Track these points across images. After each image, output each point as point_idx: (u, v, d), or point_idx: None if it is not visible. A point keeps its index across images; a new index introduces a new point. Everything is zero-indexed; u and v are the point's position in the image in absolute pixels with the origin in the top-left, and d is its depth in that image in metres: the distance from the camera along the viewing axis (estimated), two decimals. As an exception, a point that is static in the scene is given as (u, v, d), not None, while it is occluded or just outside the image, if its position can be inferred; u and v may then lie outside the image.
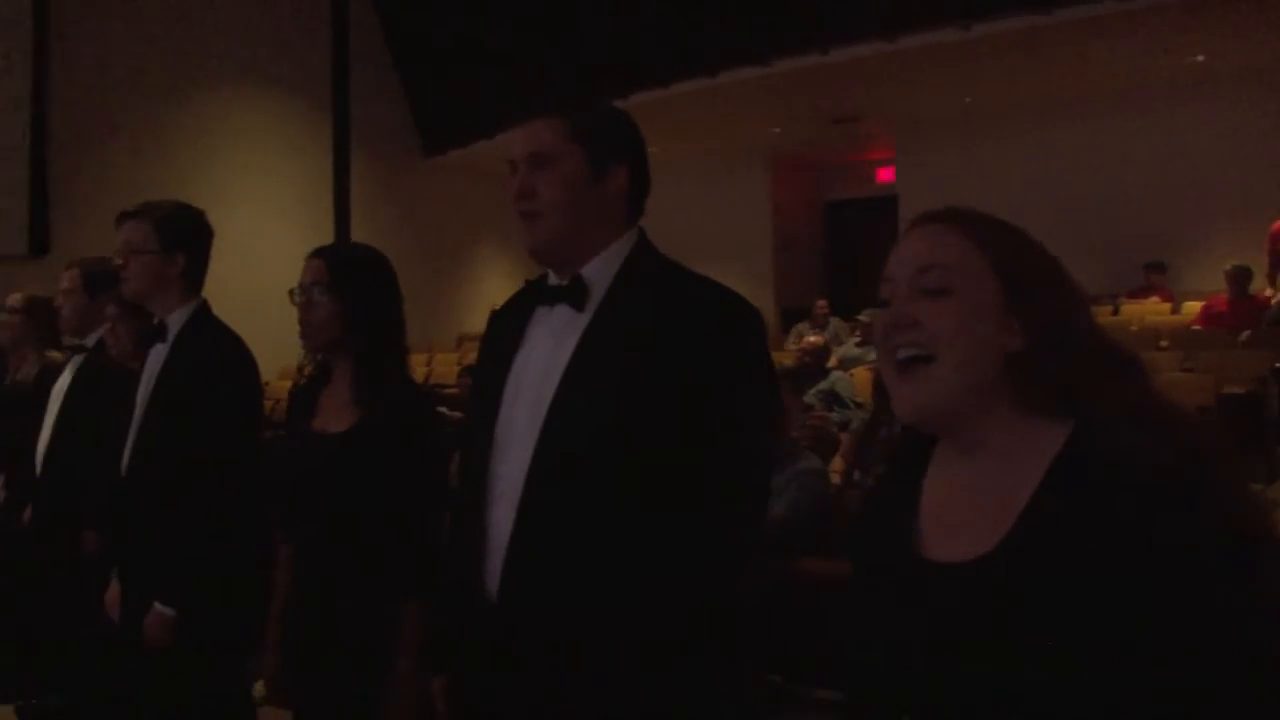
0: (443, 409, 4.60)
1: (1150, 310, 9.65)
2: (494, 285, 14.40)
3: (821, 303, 11.39)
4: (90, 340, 3.92)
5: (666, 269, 1.80)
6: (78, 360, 3.96)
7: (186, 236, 2.78)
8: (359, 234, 12.07)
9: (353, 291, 2.30)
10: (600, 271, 1.78)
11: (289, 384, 10.40)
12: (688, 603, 1.64)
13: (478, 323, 13.72)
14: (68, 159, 10.46)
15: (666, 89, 10.35)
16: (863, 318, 8.94)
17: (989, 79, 10.17)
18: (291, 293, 2.32)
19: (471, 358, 10.03)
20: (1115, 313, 9.49)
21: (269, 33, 12.13)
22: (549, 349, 1.76)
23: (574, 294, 1.77)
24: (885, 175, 13.66)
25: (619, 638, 1.63)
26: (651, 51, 10.33)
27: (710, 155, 12.94)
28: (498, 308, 2.02)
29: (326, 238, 11.69)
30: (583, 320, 1.75)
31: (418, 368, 10.85)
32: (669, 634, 1.63)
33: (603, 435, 1.66)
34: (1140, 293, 10.14)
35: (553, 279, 1.84)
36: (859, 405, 7.08)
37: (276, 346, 2.68)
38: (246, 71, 11.96)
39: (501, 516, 1.72)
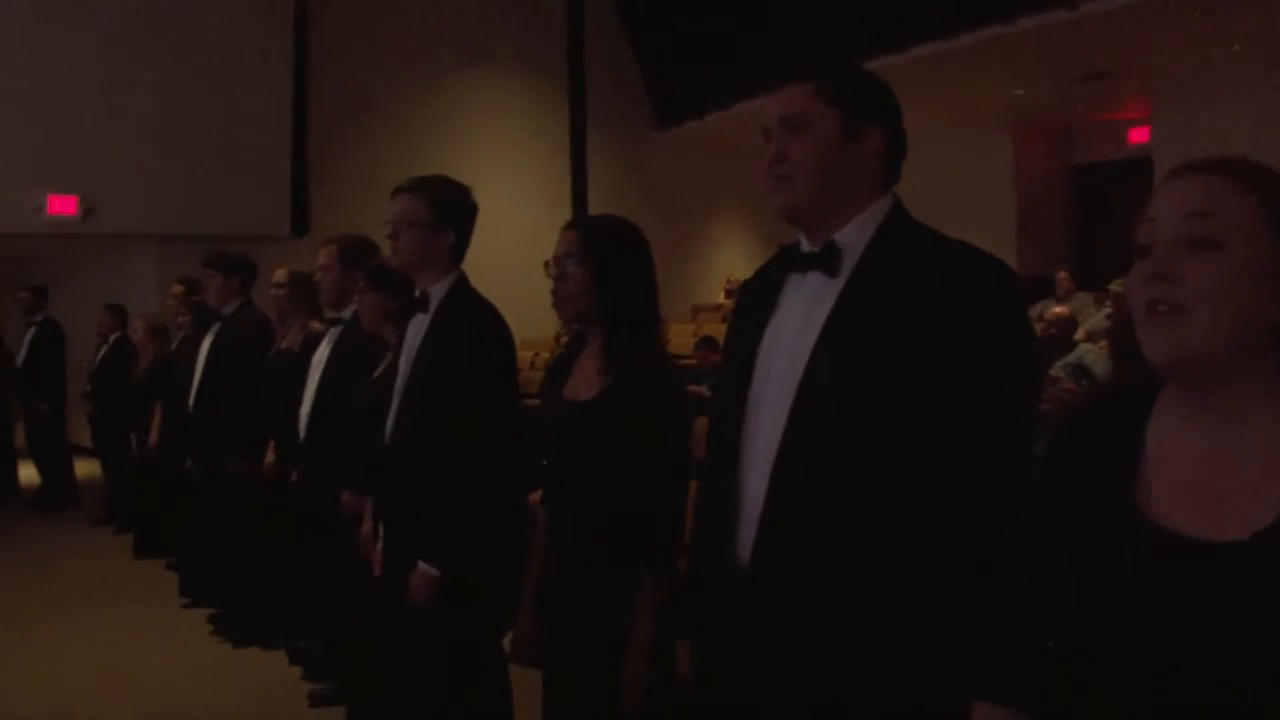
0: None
1: None
2: (730, 256, 14.47)
3: (1063, 275, 10.82)
4: (347, 313, 4.14)
5: (923, 234, 1.74)
6: (335, 331, 4.19)
7: (458, 215, 2.89)
8: (595, 207, 12.34)
9: (605, 262, 2.32)
10: (855, 236, 1.74)
11: (529, 355, 10.73)
12: (944, 577, 1.58)
13: (713, 293, 13.84)
14: (324, 145, 11.20)
15: (903, 54, 10.02)
16: (1114, 288, 8.38)
17: (1261, 23, 9.30)
18: (546, 264, 2.36)
19: (707, 329, 10.08)
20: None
21: (506, 13, 12.55)
22: (802, 315, 1.73)
23: (827, 259, 1.73)
24: (1138, 135, 12.83)
25: (872, 609, 1.60)
26: (887, 15, 10.02)
27: (947, 121, 12.44)
28: (733, 277, 2.00)
29: (564, 212, 12.04)
30: (836, 286, 1.71)
31: (650, 340, 11.03)
32: (924, 608, 1.58)
33: (859, 402, 1.62)
34: None
35: (805, 245, 1.80)
36: (1109, 380, 6.67)
37: (515, 318, 2.77)
38: (485, 52, 12.43)
39: (754, 484, 1.71)
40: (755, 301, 1.86)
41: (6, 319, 10.00)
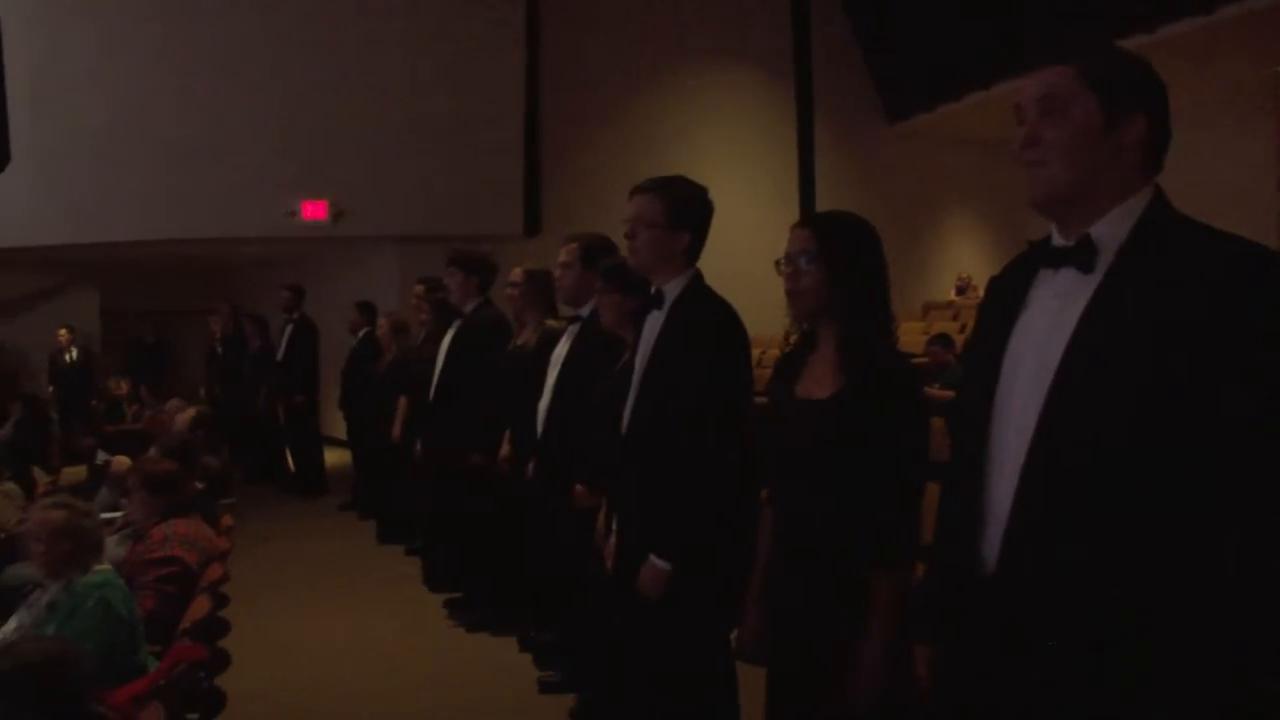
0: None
1: None
2: (961, 251, 14.08)
3: (1336, 267, 9.90)
4: (585, 310, 4.23)
5: (1189, 227, 1.62)
6: (574, 328, 4.28)
7: (694, 215, 2.91)
8: (824, 203, 12.21)
9: (838, 260, 2.29)
10: (1112, 229, 1.64)
11: (757, 352, 10.63)
12: (1204, 594, 1.48)
13: (944, 290, 13.47)
14: (555, 148, 11.54)
15: (1152, 34, 9.47)
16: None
17: None
18: (777, 263, 2.36)
19: (938, 326, 9.80)
20: None
21: (732, 11, 12.58)
22: (1053, 313, 1.66)
23: (1081, 255, 1.64)
24: None
25: (1123, 620, 1.52)
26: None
27: (1200, 103, 11.64)
28: (964, 274, 1.92)
29: (792, 208, 11.97)
30: (1091, 282, 1.63)
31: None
32: (1179, 625, 1.49)
33: (1115, 405, 1.53)
34: None
35: (1057, 239, 1.72)
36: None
37: (743, 315, 2.78)
38: (712, 49, 12.52)
39: (1002, 486, 1.66)
40: (1003, 298, 1.79)
41: (270, 317, 10.74)
